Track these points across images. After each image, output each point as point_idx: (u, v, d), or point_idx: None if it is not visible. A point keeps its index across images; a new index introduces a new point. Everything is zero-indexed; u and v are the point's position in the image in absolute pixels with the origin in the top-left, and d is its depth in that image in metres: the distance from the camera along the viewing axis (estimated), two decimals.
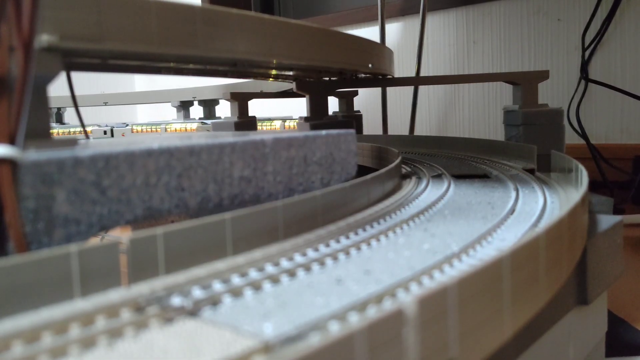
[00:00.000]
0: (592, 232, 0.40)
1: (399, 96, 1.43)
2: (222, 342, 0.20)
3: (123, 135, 1.15)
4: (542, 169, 0.61)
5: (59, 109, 1.35)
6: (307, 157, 0.42)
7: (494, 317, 0.25)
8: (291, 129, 1.04)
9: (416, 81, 1.27)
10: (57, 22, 0.33)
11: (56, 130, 1.15)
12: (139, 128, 1.15)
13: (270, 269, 0.28)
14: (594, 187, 0.87)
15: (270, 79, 0.74)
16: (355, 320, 0.19)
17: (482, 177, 0.58)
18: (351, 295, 0.24)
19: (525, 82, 0.69)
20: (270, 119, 1.08)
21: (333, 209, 0.37)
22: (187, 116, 1.33)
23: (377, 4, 1.32)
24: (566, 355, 0.38)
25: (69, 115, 1.39)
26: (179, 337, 0.20)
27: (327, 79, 0.69)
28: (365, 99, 1.33)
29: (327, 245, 0.32)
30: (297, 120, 0.97)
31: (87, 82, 1.71)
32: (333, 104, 0.88)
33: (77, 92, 0.43)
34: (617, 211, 0.50)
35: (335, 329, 0.20)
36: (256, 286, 0.25)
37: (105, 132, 1.15)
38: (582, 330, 0.40)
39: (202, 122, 1.10)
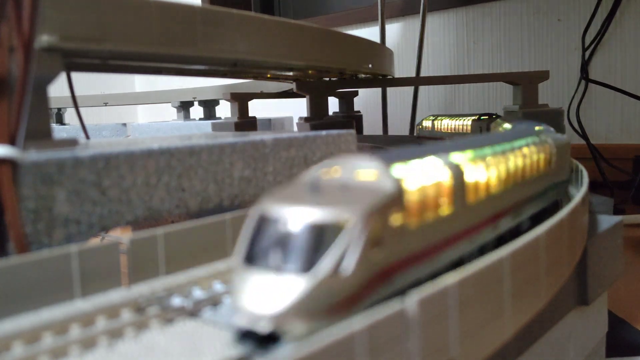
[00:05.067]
0: (593, 232, 0.40)
1: (399, 96, 1.43)
2: (222, 342, 0.20)
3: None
4: None
5: (59, 109, 1.35)
6: (307, 157, 0.42)
7: (495, 317, 0.25)
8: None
9: (416, 81, 1.27)
10: (57, 23, 0.33)
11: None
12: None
13: None
14: (594, 187, 0.87)
15: (270, 80, 0.74)
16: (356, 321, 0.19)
17: None
18: None
19: (525, 83, 0.69)
20: (462, 115, 0.77)
21: None
22: (187, 117, 1.32)
23: (377, 4, 1.32)
24: (566, 355, 0.38)
25: (70, 115, 1.38)
26: (180, 337, 0.20)
27: (327, 79, 0.69)
28: (366, 99, 1.33)
29: None
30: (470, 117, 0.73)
31: (87, 82, 1.71)
32: (333, 104, 0.88)
33: (77, 93, 0.43)
34: (617, 211, 0.50)
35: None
36: None
37: None
38: (583, 331, 0.40)
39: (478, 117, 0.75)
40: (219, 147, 0.36)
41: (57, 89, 0.39)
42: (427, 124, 0.86)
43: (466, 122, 0.71)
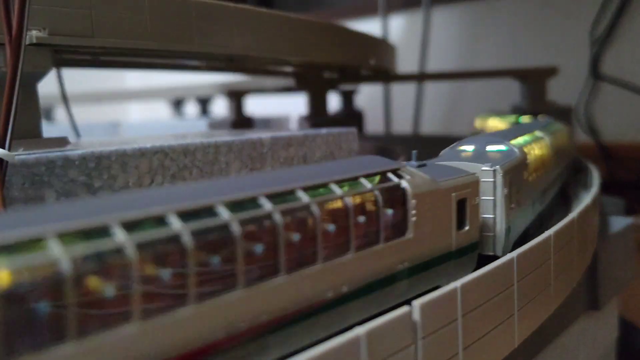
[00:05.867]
0: (603, 234, 0.39)
1: (402, 93, 1.42)
2: None
3: None
4: None
5: (49, 107, 1.33)
6: (307, 156, 0.41)
7: (503, 323, 0.25)
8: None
9: (420, 77, 1.25)
10: (46, 17, 0.32)
11: None
12: None
13: None
14: (604, 187, 0.86)
15: (269, 75, 0.73)
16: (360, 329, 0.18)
17: None
18: None
19: (533, 79, 0.67)
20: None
21: None
22: (181, 114, 1.31)
23: None
24: None
25: (60, 113, 1.37)
26: None
27: (328, 75, 0.68)
28: (367, 96, 1.32)
29: None
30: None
31: (78, 79, 1.69)
32: (334, 101, 0.86)
33: (67, 90, 0.42)
34: (628, 212, 0.48)
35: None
36: None
37: None
38: (593, 336, 0.39)
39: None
40: (214, 146, 0.35)
41: (47, 86, 0.38)
42: (479, 123, 0.72)
43: (501, 125, 0.57)
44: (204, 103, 1.26)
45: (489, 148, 0.29)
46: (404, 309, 0.18)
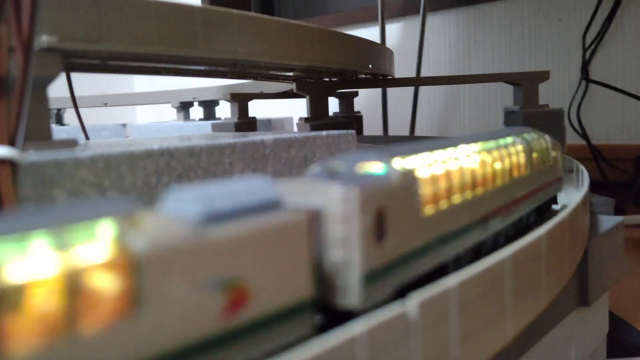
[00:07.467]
0: (594, 233, 0.40)
1: (399, 97, 1.43)
2: None
3: None
4: None
5: (58, 110, 1.34)
6: (308, 157, 0.42)
7: (496, 319, 0.25)
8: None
9: (417, 82, 1.27)
10: (56, 23, 0.33)
11: None
12: None
13: None
14: (594, 187, 0.87)
15: (271, 80, 0.74)
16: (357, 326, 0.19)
17: None
18: None
19: (525, 83, 0.69)
20: None
21: None
22: (187, 117, 1.32)
23: (377, 4, 1.31)
24: (567, 356, 0.38)
25: (69, 116, 1.38)
26: None
27: (327, 79, 0.69)
28: (366, 100, 1.33)
29: None
30: None
31: (87, 83, 1.70)
32: (333, 105, 0.87)
33: (76, 93, 0.43)
34: (618, 212, 0.49)
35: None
36: None
37: None
38: (583, 332, 0.40)
39: None
40: (218, 148, 0.36)
41: (57, 90, 0.39)
42: None
43: None
44: (208, 106, 1.27)
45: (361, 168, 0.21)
46: (399, 307, 0.19)
